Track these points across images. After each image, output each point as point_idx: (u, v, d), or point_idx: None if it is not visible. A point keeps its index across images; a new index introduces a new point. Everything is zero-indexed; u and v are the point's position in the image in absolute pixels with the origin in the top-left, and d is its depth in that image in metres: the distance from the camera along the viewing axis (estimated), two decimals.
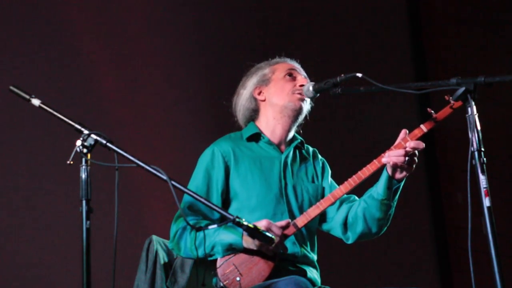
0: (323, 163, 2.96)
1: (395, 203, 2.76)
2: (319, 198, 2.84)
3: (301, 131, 2.94)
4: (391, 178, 2.68)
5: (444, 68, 5.78)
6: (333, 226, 2.86)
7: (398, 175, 2.67)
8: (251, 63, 3.01)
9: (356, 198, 2.85)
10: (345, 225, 2.83)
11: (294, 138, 2.92)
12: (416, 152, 2.65)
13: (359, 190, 2.75)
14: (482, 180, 2.22)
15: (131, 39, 4.34)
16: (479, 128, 2.25)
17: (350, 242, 2.87)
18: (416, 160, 2.66)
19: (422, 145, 2.63)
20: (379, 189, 2.71)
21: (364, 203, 2.76)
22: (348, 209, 2.82)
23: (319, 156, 2.97)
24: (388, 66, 5.54)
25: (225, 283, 2.58)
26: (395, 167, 2.65)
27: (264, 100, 2.89)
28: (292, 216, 2.74)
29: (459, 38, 6.07)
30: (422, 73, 5.71)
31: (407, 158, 2.62)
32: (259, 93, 2.90)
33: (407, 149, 2.62)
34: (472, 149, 2.25)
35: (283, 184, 2.79)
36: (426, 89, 2.47)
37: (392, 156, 2.61)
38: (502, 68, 6.01)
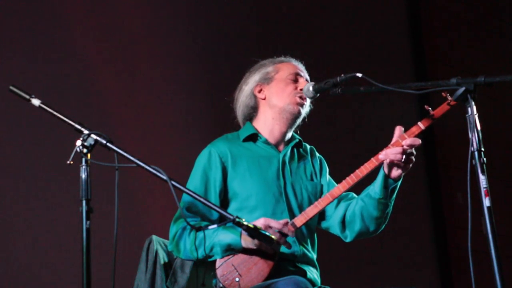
0: (320, 161, 2.96)
1: (393, 201, 2.75)
2: (318, 195, 2.85)
3: (298, 131, 2.94)
4: (387, 177, 2.68)
5: (444, 68, 5.78)
6: (332, 224, 2.85)
7: (395, 174, 2.66)
8: (256, 59, 3.00)
9: (355, 195, 2.85)
10: (343, 223, 2.83)
11: (292, 137, 2.91)
12: (413, 150, 2.64)
13: (358, 187, 2.75)
14: (482, 180, 2.22)
15: (131, 38, 4.34)
16: (479, 128, 2.25)
17: (348, 240, 2.86)
18: (413, 159, 2.65)
19: (418, 141, 2.62)
20: (376, 188, 2.71)
21: (361, 201, 2.76)
22: (346, 207, 2.82)
23: (317, 154, 2.97)
24: (388, 66, 5.54)
25: (224, 283, 2.58)
26: (391, 165, 2.64)
27: (264, 99, 2.88)
28: (292, 215, 2.74)
29: (459, 38, 6.07)
30: (422, 73, 5.72)
31: (404, 156, 2.61)
32: (260, 91, 2.89)
33: (404, 146, 2.61)
34: (472, 149, 2.25)
35: (282, 183, 2.79)
36: (426, 89, 2.47)
37: (389, 154, 2.61)
38: (502, 68, 6.01)
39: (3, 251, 3.71)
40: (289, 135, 2.89)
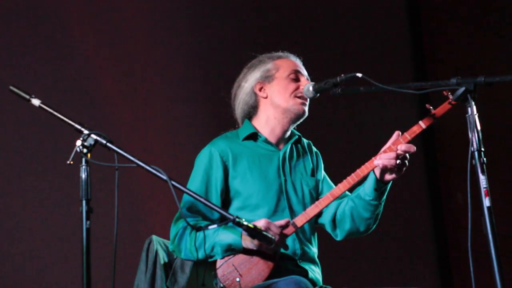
0: (317, 156, 2.96)
1: (383, 202, 2.76)
2: (318, 191, 2.85)
3: (296, 128, 2.93)
4: (378, 180, 2.68)
5: (444, 68, 5.78)
6: (324, 221, 2.86)
7: (387, 178, 2.66)
8: (254, 54, 2.98)
9: (347, 193, 2.85)
10: (333, 222, 2.83)
11: (292, 134, 2.91)
12: (407, 155, 2.63)
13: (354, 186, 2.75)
14: (482, 180, 2.22)
15: (131, 38, 4.34)
16: (479, 128, 2.25)
17: (338, 239, 2.87)
18: (407, 164, 2.65)
19: (413, 148, 2.61)
20: (367, 189, 2.71)
21: (351, 202, 2.77)
22: (337, 205, 2.83)
23: (314, 149, 2.97)
24: (388, 66, 5.54)
25: (225, 283, 2.58)
26: (385, 170, 2.64)
27: (266, 97, 2.87)
28: (293, 212, 2.74)
29: (459, 38, 6.07)
30: (422, 73, 5.72)
31: (398, 161, 2.61)
32: (261, 89, 2.88)
33: (398, 152, 2.61)
34: (472, 149, 2.25)
35: (282, 181, 2.79)
36: (426, 89, 2.47)
37: (383, 159, 2.61)
38: (502, 68, 6.02)
39: (3, 251, 3.71)
40: (289, 132, 2.89)
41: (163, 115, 4.38)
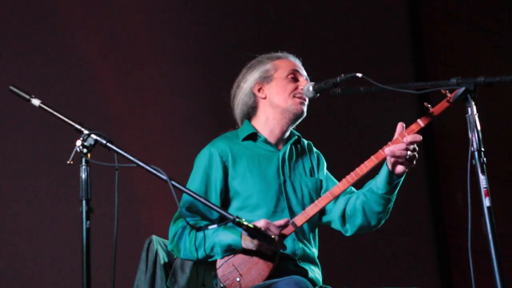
0: (318, 156, 2.95)
1: (395, 197, 2.75)
2: (318, 191, 2.85)
3: (295, 128, 2.93)
4: (391, 173, 2.67)
5: (444, 68, 5.78)
6: (332, 218, 2.85)
7: (399, 170, 2.66)
8: (253, 54, 2.98)
9: (354, 189, 2.85)
10: (343, 217, 2.82)
11: (291, 134, 2.91)
12: (416, 147, 2.64)
13: (358, 183, 2.74)
14: (482, 180, 2.22)
15: (131, 38, 4.34)
16: (479, 128, 2.26)
17: (348, 234, 2.86)
18: (417, 156, 2.65)
19: (419, 137, 2.62)
20: (379, 183, 2.70)
21: (363, 196, 2.76)
22: (346, 201, 2.82)
23: (314, 149, 2.97)
24: (388, 66, 5.54)
25: (225, 283, 2.58)
26: (395, 161, 2.64)
27: (264, 98, 2.87)
28: (292, 212, 2.74)
29: (459, 38, 6.07)
30: (422, 73, 5.72)
31: (408, 152, 2.61)
32: (259, 90, 2.88)
33: (406, 144, 2.61)
34: (472, 149, 2.25)
35: (282, 181, 2.79)
36: (426, 89, 2.48)
37: (395, 151, 2.61)
38: (502, 68, 6.02)
39: (3, 251, 3.71)
40: (288, 133, 2.89)
41: (163, 115, 4.38)
